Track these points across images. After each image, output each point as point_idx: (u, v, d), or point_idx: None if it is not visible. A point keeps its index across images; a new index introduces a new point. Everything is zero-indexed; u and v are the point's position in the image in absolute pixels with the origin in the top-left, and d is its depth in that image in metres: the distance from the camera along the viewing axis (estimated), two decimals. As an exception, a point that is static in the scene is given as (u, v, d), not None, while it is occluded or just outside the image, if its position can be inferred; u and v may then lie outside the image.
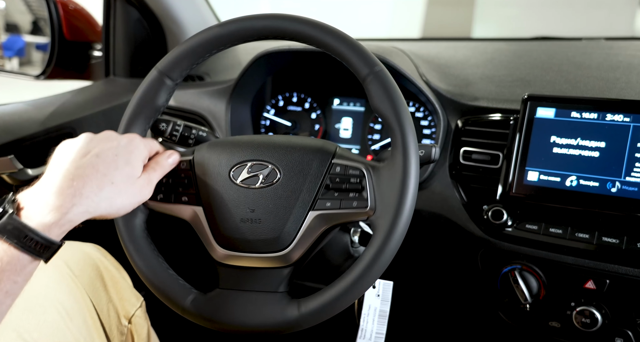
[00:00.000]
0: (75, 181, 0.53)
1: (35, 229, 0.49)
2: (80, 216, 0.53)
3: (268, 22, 0.66)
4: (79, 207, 0.52)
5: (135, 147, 0.60)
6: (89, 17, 1.27)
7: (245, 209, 0.64)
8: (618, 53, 1.05)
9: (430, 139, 1.02)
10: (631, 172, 0.77)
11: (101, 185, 0.54)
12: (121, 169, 0.57)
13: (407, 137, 0.61)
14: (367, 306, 0.84)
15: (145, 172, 0.61)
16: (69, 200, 0.52)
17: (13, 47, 1.37)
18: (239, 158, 0.67)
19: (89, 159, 0.55)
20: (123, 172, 0.57)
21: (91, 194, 0.53)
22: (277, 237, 0.63)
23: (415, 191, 0.60)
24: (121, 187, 0.56)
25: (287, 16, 0.65)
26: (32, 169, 1.02)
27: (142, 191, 0.60)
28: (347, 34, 0.64)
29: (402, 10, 3.58)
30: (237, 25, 0.67)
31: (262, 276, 0.64)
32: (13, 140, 1.00)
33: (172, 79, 0.68)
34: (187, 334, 1.22)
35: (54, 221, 0.50)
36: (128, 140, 0.60)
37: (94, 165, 0.55)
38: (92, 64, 1.27)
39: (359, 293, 0.60)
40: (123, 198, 0.57)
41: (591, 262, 0.81)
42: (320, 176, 0.64)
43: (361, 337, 0.84)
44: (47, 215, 0.50)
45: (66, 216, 0.51)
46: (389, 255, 0.59)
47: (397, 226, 0.59)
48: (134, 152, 0.59)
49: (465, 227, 0.90)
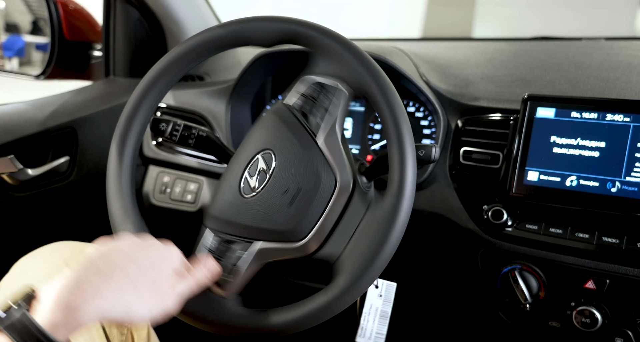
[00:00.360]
0: (96, 277, 0.50)
1: (43, 328, 0.46)
2: (91, 317, 0.48)
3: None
4: (91, 306, 0.48)
5: (169, 256, 0.57)
6: (89, 17, 1.27)
7: (281, 197, 0.65)
8: (618, 53, 1.05)
9: (430, 139, 1.02)
10: (631, 172, 0.77)
11: (123, 288, 0.51)
12: (148, 276, 0.53)
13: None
14: (369, 305, 0.84)
15: (175, 282, 0.57)
16: (83, 297, 0.48)
17: (13, 47, 1.37)
18: (235, 180, 0.68)
19: (119, 259, 0.53)
20: (149, 280, 0.53)
21: (109, 296, 0.50)
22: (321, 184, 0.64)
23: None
24: (143, 295, 0.52)
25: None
26: (32, 169, 1.02)
27: (165, 302, 0.55)
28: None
29: (403, 10, 3.58)
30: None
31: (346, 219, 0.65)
32: (13, 140, 1.00)
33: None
34: (187, 334, 1.22)
35: (61, 320, 0.47)
36: (164, 247, 0.58)
37: (122, 266, 0.52)
38: (92, 64, 1.27)
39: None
40: (142, 306, 0.52)
41: (591, 262, 0.81)
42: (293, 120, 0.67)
43: (361, 335, 0.84)
44: (56, 313, 0.47)
45: (75, 314, 0.47)
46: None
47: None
48: (166, 260, 0.56)
49: (465, 227, 0.90)
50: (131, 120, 0.70)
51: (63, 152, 1.10)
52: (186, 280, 0.58)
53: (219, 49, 0.70)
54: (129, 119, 0.70)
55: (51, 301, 0.48)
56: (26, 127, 1.04)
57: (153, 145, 1.15)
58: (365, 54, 0.64)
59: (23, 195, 1.04)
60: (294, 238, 0.64)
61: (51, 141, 1.07)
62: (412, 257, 1.00)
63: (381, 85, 0.62)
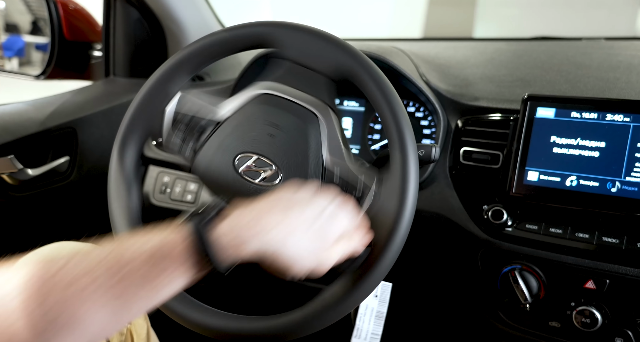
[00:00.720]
0: (268, 218, 0.52)
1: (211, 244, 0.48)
2: (248, 253, 0.50)
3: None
4: (252, 244, 0.50)
5: (340, 217, 0.57)
6: (89, 17, 1.27)
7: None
8: (618, 53, 1.05)
9: (430, 139, 1.02)
10: (631, 172, 0.77)
11: (287, 235, 0.52)
12: (313, 232, 0.54)
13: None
14: (364, 306, 0.84)
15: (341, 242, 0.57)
16: (250, 233, 0.50)
17: (13, 47, 1.37)
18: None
19: (295, 208, 0.54)
20: (312, 236, 0.54)
21: (272, 239, 0.51)
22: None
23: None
24: (302, 248, 0.53)
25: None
26: (32, 169, 1.02)
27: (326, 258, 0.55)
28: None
29: (403, 10, 3.58)
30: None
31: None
32: (13, 140, 1.00)
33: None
34: (187, 334, 1.22)
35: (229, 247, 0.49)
36: (337, 207, 0.57)
37: (297, 216, 0.53)
38: (92, 64, 1.27)
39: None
40: (309, 255, 0.53)
41: (591, 262, 0.81)
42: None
43: (356, 336, 0.84)
44: (228, 238, 0.49)
45: (238, 247, 0.50)
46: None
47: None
48: (343, 219, 0.57)
49: (465, 227, 0.90)
50: (134, 123, 0.69)
51: (63, 152, 1.10)
52: (349, 242, 0.58)
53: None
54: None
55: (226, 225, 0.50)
56: (26, 127, 1.04)
57: (153, 145, 1.15)
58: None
59: (23, 195, 1.04)
60: None
61: (51, 141, 1.08)
62: (412, 257, 1.00)
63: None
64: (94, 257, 0.45)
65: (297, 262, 0.53)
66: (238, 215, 0.51)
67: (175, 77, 0.69)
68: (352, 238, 0.58)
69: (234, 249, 0.49)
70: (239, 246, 0.49)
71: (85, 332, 0.44)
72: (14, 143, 1.00)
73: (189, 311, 0.63)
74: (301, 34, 0.65)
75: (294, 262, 0.52)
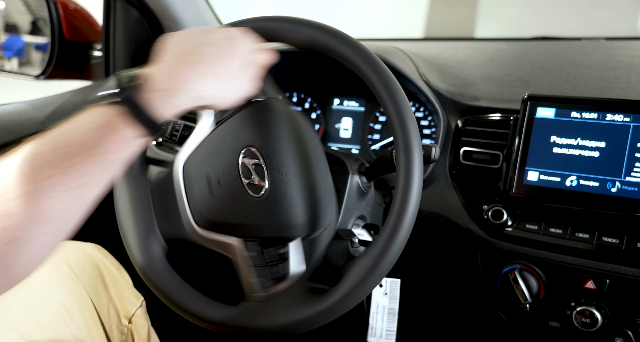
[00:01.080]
0: (183, 66, 0.53)
1: (144, 106, 0.50)
2: (186, 102, 0.53)
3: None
4: (186, 93, 0.52)
5: (234, 41, 0.60)
6: (89, 17, 1.27)
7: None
8: (618, 53, 1.05)
9: (430, 139, 1.02)
10: (631, 172, 0.77)
11: (205, 74, 0.54)
12: (222, 61, 0.57)
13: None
14: (375, 304, 0.84)
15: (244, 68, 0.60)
16: (178, 84, 0.52)
17: (12, 48, 1.37)
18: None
19: (194, 48, 0.56)
20: (224, 65, 0.57)
21: (196, 83, 0.53)
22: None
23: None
24: (223, 79, 0.56)
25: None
26: (32, 169, 1.02)
27: (242, 85, 0.60)
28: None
29: (405, 10, 3.58)
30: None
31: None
32: (13, 140, 1.00)
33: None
34: (187, 334, 1.22)
35: (161, 103, 0.51)
36: (227, 33, 0.60)
37: (198, 54, 0.55)
38: (92, 64, 1.27)
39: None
40: (224, 90, 0.57)
41: (591, 262, 0.81)
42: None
43: (372, 335, 0.84)
44: (156, 96, 0.51)
45: (173, 99, 0.51)
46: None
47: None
48: (234, 45, 0.59)
49: (465, 227, 0.90)
50: None
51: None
52: (251, 64, 0.61)
53: None
54: None
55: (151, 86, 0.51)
56: (26, 127, 1.04)
57: (153, 145, 1.15)
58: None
59: (23, 195, 1.04)
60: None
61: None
62: (412, 257, 1.00)
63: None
64: (35, 151, 0.47)
65: (223, 94, 0.57)
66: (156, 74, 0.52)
67: None
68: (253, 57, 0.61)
69: (165, 104, 0.51)
70: (169, 101, 0.51)
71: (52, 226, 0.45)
72: (14, 143, 1.00)
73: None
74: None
75: (220, 96, 0.57)
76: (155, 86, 0.51)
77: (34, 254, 0.45)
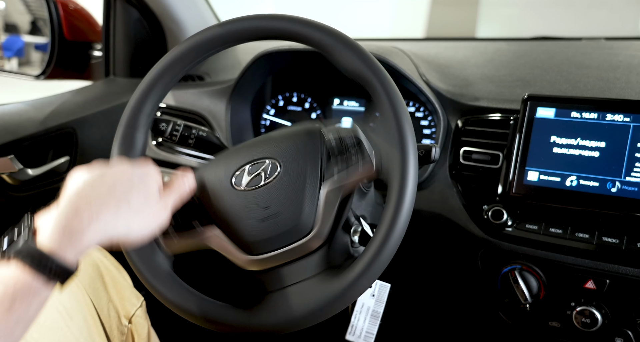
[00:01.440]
0: (91, 204, 0.52)
1: (50, 254, 0.48)
2: (97, 239, 0.51)
3: (266, 22, 0.66)
4: (95, 231, 0.51)
5: (150, 173, 0.59)
6: (89, 17, 1.27)
7: (259, 210, 0.64)
8: (618, 53, 1.05)
9: (430, 139, 1.02)
10: (631, 172, 0.77)
11: (118, 208, 0.53)
12: (138, 193, 0.56)
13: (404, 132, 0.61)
14: (361, 304, 0.84)
15: (162, 197, 0.59)
16: (86, 223, 0.50)
17: (12, 48, 1.37)
18: (236, 165, 0.67)
19: (106, 183, 0.54)
20: (140, 196, 0.56)
21: (108, 217, 0.52)
22: (298, 223, 0.63)
23: (412, 196, 0.60)
24: (139, 210, 0.55)
25: (285, 17, 0.66)
26: (32, 169, 1.02)
27: (159, 214, 0.58)
28: (345, 34, 0.64)
29: (406, 10, 3.58)
30: (237, 25, 0.67)
31: (302, 264, 0.64)
32: (13, 140, 1.00)
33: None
34: (187, 334, 1.22)
35: (69, 245, 0.49)
36: (143, 166, 0.59)
37: (110, 189, 0.54)
38: (92, 64, 1.27)
39: (352, 298, 0.60)
40: (140, 222, 0.56)
41: (591, 262, 0.81)
42: (318, 153, 0.65)
43: (351, 333, 0.84)
44: (62, 238, 0.49)
45: (82, 239, 0.50)
46: (383, 261, 0.59)
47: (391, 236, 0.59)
48: (149, 176, 0.59)
49: (465, 227, 0.90)
50: (133, 121, 0.69)
51: (63, 152, 1.10)
52: (171, 193, 0.61)
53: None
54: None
55: (55, 228, 0.49)
56: (26, 127, 1.04)
57: (153, 145, 1.15)
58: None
59: (23, 195, 1.04)
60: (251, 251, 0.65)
61: (51, 141, 1.08)
62: (412, 257, 1.00)
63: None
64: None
65: (135, 230, 0.55)
66: (56, 217, 0.50)
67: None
68: (173, 185, 0.62)
69: (72, 248, 0.49)
70: (75, 244, 0.49)
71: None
72: (14, 143, 1.00)
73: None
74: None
75: (132, 231, 0.55)
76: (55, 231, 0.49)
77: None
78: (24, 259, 0.47)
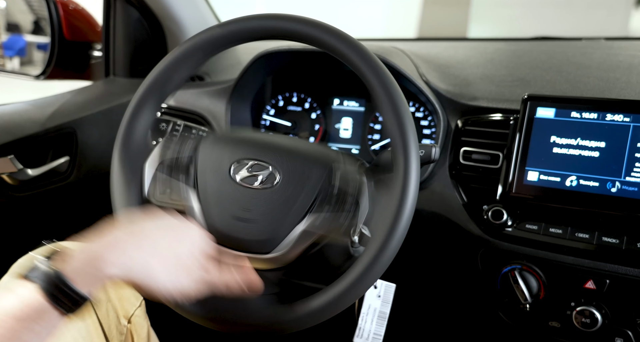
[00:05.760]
0: (126, 238, 0.52)
1: (70, 282, 0.48)
2: (113, 271, 0.50)
3: (267, 22, 0.66)
4: (114, 260, 0.50)
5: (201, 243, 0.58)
6: (89, 17, 1.27)
7: (239, 208, 0.64)
8: (618, 53, 1.05)
9: (430, 139, 1.02)
10: (631, 172, 0.76)
11: (150, 253, 0.53)
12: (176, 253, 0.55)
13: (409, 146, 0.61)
14: (367, 305, 0.84)
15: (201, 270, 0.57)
16: (107, 257, 0.50)
17: (14, 47, 1.37)
18: (241, 155, 0.67)
19: (153, 231, 0.54)
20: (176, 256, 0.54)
21: (135, 254, 0.52)
22: (269, 239, 0.63)
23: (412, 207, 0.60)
24: (168, 266, 0.54)
25: (285, 16, 0.66)
26: (32, 169, 1.02)
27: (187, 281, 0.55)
28: (348, 34, 0.64)
29: (398, 10, 3.58)
30: (237, 25, 0.67)
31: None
32: (13, 140, 1.00)
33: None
34: (187, 334, 1.22)
35: (84, 270, 0.49)
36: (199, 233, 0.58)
37: (154, 237, 0.54)
38: (92, 64, 1.27)
39: (353, 298, 0.60)
40: (164, 275, 0.53)
41: (591, 262, 0.81)
42: (318, 185, 0.65)
43: (358, 336, 0.84)
44: (81, 263, 0.49)
45: (98, 265, 0.49)
46: (384, 262, 0.59)
47: (393, 234, 0.59)
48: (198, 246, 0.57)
49: (465, 227, 0.90)
50: (134, 121, 0.69)
51: (63, 153, 1.10)
52: (211, 272, 0.58)
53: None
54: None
55: (78, 252, 0.50)
56: (26, 127, 1.04)
57: (153, 145, 1.15)
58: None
59: (23, 195, 1.04)
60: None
61: (51, 141, 1.08)
62: (412, 257, 1.00)
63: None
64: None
65: (157, 281, 0.53)
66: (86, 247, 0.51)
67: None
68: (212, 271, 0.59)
69: (91, 281, 0.49)
70: (93, 271, 0.49)
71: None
72: (14, 143, 1.00)
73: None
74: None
75: (154, 280, 0.52)
76: (80, 258, 0.49)
77: None
78: (40, 282, 0.47)
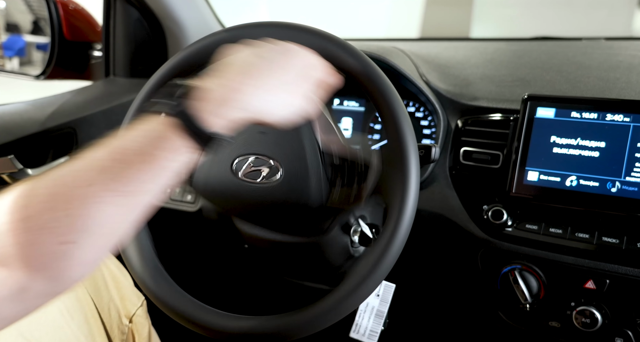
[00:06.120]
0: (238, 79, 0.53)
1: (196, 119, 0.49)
2: (237, 115, 0.52)
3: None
4: (237, 105, 0.51)
5: (290, 55, 0.58)
6: (89, 17, 1.27)
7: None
8: (618, 53, 1.05)
9: (430, 139, 1.02)
10: (631, 172, 0.77)
11: (257, 87, 0.53)
12: (276, 75, 0.55)
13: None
14: (365, 303, 0.84)
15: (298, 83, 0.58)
16: (230, 97, 0.51)
17: (14, 47, 1.37)
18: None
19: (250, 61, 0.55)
20: (278, 78, 0.55)
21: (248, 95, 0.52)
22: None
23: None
24: (275, 93, 0.55)
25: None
26: (32, 169, 1.02)
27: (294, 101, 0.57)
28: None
29: (401, 10, 3.58)
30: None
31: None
32: (13, 140, 1.00)
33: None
34: (187, 334, 1.22)
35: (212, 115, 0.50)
36: (284, 47, 0.59)
37: (253, 67, 0.54)
38: (92, 64, 1.27)
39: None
40: (275, 104, 0.55)
41: (591, 262, 0.81)
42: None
43: (355, 331, 0.84)
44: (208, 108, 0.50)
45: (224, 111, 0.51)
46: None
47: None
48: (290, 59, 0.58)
49: (465, 227, 0.90)
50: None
51: (63, 152, 1.10)
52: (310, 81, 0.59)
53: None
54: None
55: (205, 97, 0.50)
56: (26, 127, 1.04)
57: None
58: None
59: (23, 195, 1.04)
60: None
61: (51, 141, 1.08)
62: (412, 257, 1.00)
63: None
64: (91, 156, 0.46)
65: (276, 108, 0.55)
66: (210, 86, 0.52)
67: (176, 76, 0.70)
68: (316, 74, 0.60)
69: (216, 117, 0.50)
70: (220, 113, 0.50)
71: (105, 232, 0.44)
72: (14, 143, 1.00)
73: (193, 312, 0.63)
74: (302, 34, 0.65)
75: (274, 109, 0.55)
76: (208, 98, 0.50)
77: (85, 259, 0.43)
78: (172, 116, 0.48)
